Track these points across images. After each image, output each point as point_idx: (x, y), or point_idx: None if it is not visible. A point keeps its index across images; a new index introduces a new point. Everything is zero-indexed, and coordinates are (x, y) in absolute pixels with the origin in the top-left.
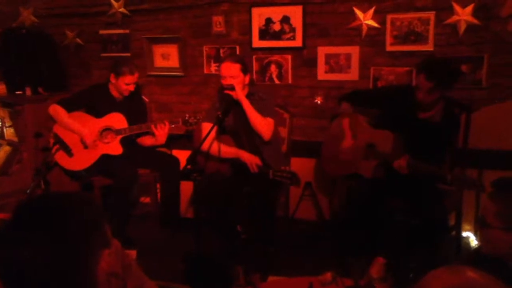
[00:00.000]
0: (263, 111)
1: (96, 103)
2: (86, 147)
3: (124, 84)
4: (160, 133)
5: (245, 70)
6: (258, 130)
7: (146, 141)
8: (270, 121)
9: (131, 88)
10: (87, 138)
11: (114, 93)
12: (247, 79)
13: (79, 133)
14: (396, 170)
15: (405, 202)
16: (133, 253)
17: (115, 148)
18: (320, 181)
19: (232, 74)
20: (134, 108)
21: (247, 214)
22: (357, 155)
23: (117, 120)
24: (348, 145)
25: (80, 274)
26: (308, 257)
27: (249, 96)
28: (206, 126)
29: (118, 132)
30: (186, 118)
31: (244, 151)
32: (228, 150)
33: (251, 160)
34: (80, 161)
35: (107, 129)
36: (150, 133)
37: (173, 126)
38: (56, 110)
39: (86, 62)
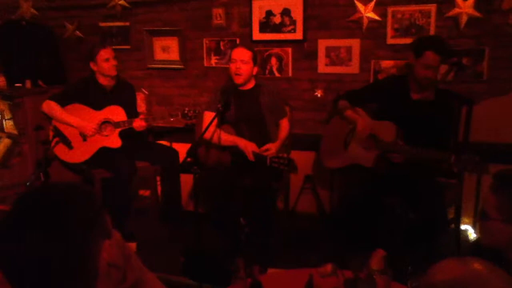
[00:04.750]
0: (278, 114)
1: (88, 94)
2: (85, 139)
3: (104, 62)
4: (137, 125)
5: (255, 60)
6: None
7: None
8: (286, 124)
9: (113, 62)
10: (88, 130)
11: (102, 80)
12: (255, 70)
13: (78, 127)
14: (395, 164)
15: (403, 197)
16: (133, 245)
17: (114, 141)
18: (320, 174)
19: (243, 59)
20: (126, 99)
21: (247, 207)
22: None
23: (116, 113)
24: (364, 123)
25: (80, 266)
26: (308, 250)
27: (257, 87)
28: (208, 115)
29: (117, 125)
30: (185, 111)
31: (241, 138)
32: (227, 138)
33: (247, 147)
34: (79, 153)
35: (106, 122)
36: None
37: (172, 119)
38: (50, 106)
39: None
